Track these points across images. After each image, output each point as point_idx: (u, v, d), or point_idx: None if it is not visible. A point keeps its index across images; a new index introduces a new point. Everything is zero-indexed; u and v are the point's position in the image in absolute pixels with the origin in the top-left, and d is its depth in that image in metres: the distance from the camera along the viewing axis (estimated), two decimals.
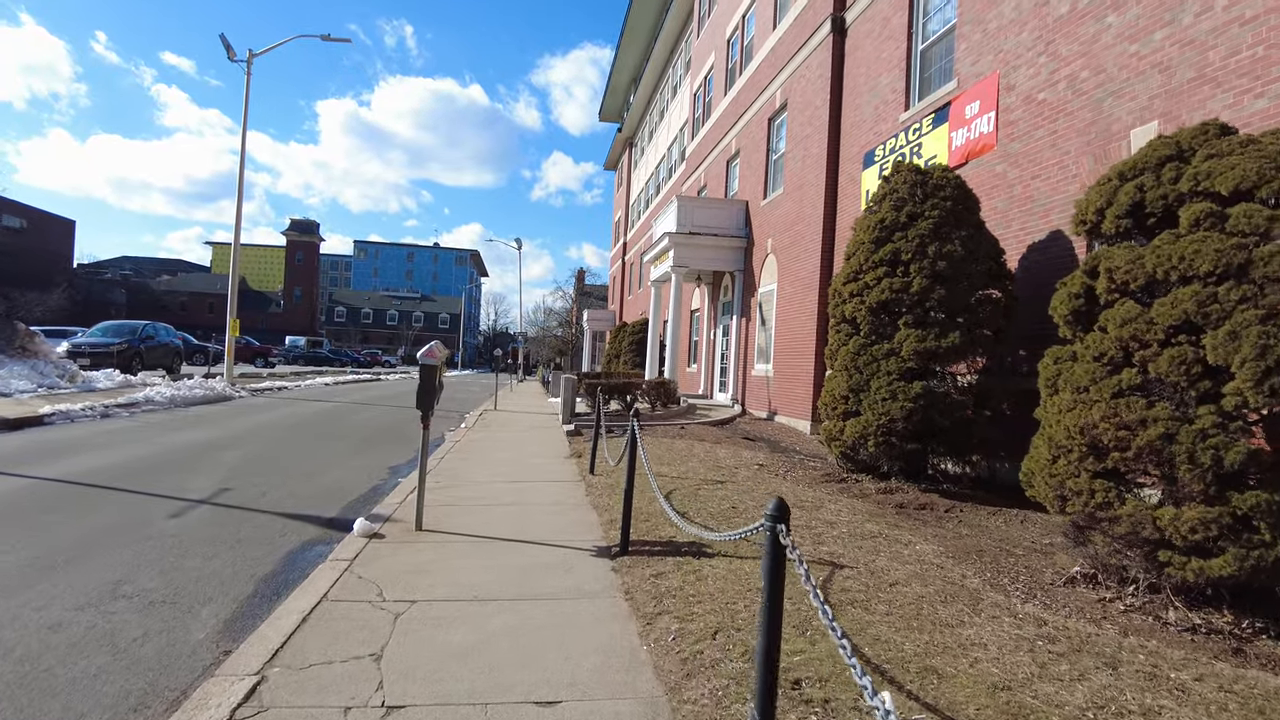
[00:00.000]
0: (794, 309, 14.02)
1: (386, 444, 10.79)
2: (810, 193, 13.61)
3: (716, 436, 11.54)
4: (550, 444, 10.85)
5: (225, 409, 14.67)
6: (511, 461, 8.97)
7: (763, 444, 11.13)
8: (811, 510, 6.24)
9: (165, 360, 21.87)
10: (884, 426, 7.18)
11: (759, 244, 16.38)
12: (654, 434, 11.68)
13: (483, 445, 10.49)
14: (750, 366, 16.48)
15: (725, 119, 19.55)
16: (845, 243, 12.54)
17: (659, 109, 32.88)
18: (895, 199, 7.59)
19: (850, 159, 12.51)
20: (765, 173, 16.34)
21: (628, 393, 14.39)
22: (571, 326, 65.95)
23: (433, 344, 5.37)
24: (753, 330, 16.46)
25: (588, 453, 9.32)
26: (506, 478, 7.80)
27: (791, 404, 13.80)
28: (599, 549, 5.10)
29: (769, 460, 9.12)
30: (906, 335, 7.19)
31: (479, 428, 12.97)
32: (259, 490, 7.04)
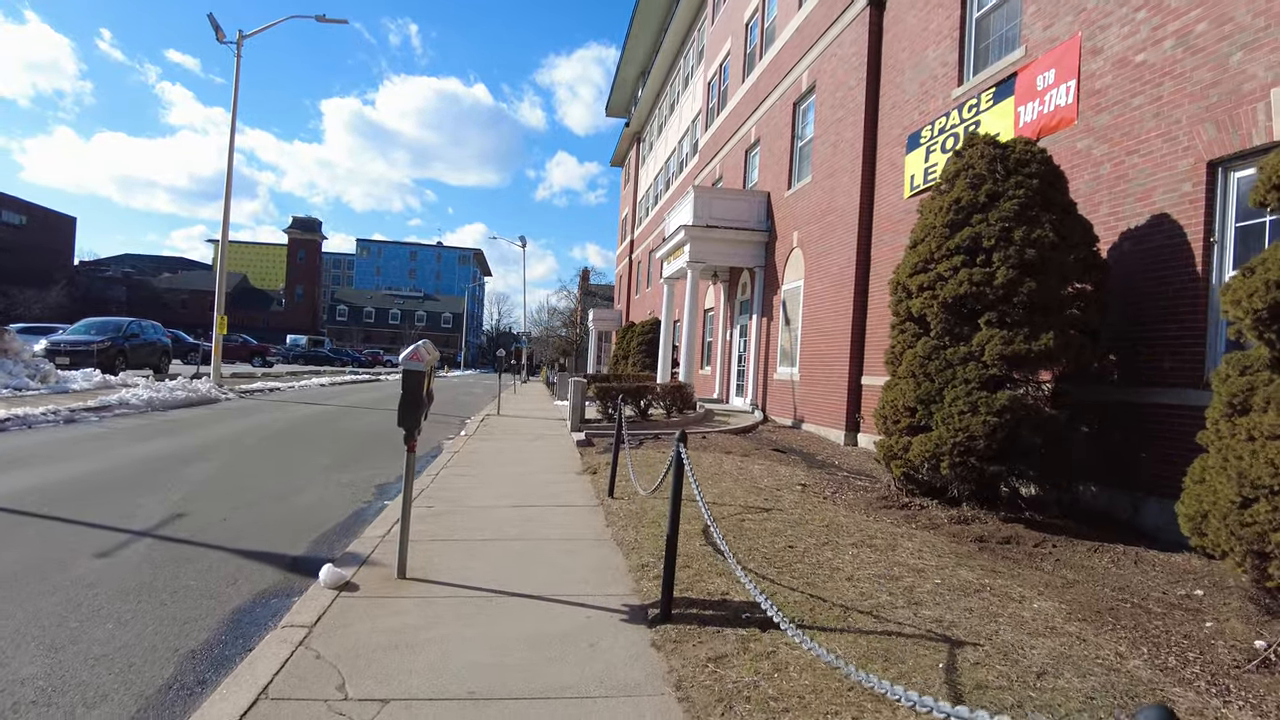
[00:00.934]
0: (824, 307, 12.87)
1: (377, 456, 9.67)
2: (843, 180, 12.47)
3: (743, 448, 10.40)
4: (559, 456, 9.72)
5: (207, 413, 13.56)
6: (516, 479, 7.85)
7: (796, 457, 9.98)
8: (885, 551, 5.10)
9: (152, 359, 20.78)
10: (961, 444, 6.04)
11: (783, 237, 15.24)
12: (671, 443, 10.54)
13: (484, 458, 9.37)
14: (772, 370, 15.34)
15: (743, 107, 18.42)
16: (884, 233, 11.42)
17: (669, 102, 31.76)
18: (971, 176, 6.44)
19: (890, 142, 11.36)
20: (790, 161, 15.20)
21: (641, 397, 13.26)
22: (576, 326, 64.84)
23: (419, 344, 4.25)
24: (775, 330, 15.32)
25: (603, 469, 8.20)
26: (510, 500, 6.67)
27: (821, 411, 12.66)
28: (631, 609, 3.97)
29: (811, 479, 7.97)
30: (989, 336, 6.05)
31: (480, 435, 11.85)
32: (219, 516, 5.92)
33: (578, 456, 9.64)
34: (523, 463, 9.00)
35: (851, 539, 5.37)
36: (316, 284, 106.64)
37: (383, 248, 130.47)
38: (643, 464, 8.30)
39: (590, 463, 8.91)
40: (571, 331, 66.14)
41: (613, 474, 6.86)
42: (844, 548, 5.12)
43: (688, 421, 13.74)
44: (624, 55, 37.55)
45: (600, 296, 66.18)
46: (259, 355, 41.98)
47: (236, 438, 10.50)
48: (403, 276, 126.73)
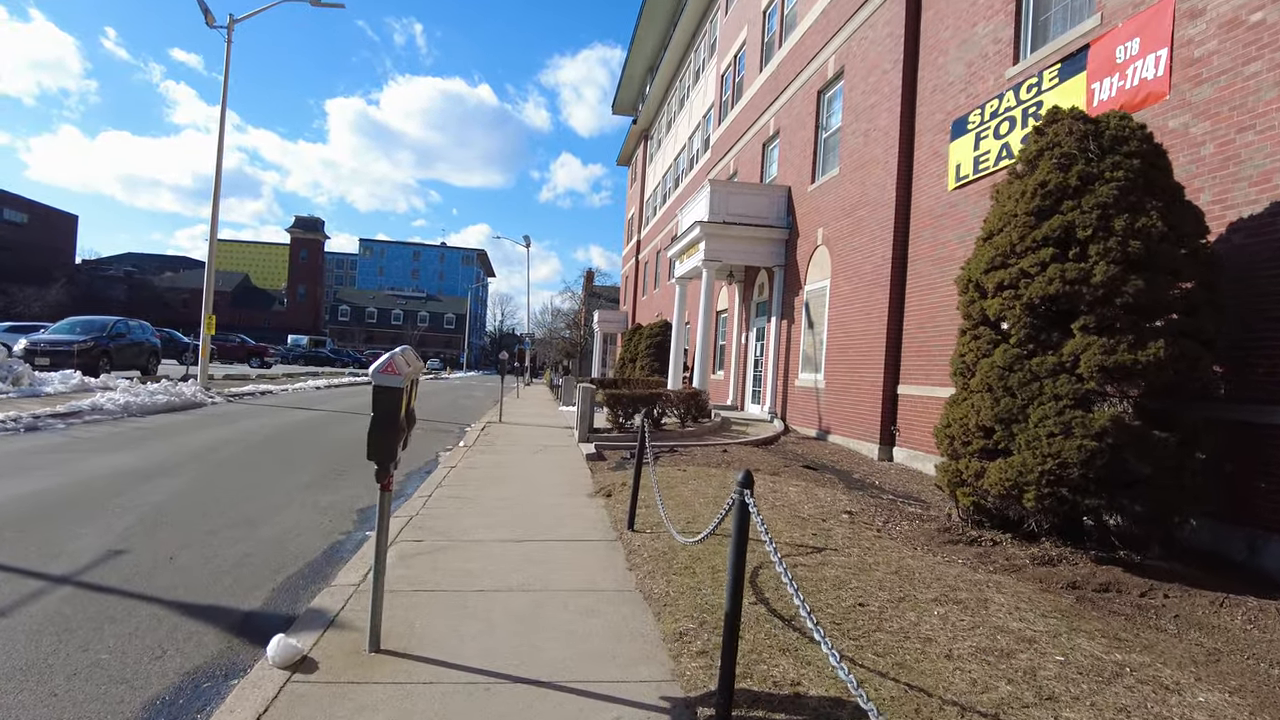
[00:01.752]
0: (854, 309, 11.89)
1: (366, 470, 8.70)
2: (876, 172, 11.49)
3: (771, 464, 9.41)
4: (567, 472, 8.74)
5: (188, 419, 12.62)
6: (518, 503, 6.87)
7: (831, 476, 9.00)
8: (976, 609, 4.12)
9: (139, 360, 19.86)
10: (1051, 473, 5.06)
11: (805, 234, 14.26)
12: (692, 459, 9.57)
13: (482, 474, 8.40)
14: (793, 376, 14.35)
15: (761, 98, 17.45)
16: (924, 228, 10.44)
17: (678, 97, 30.82)
18: (1059, 156, 5.46)
19: (931, 129, 10.38)
20: (813, 153, 14.22)
21: (653, 406, 12.29)
22: (580, 328, 63.89)
23: (395, 352, 3.29)
24: (796, 334, 14.34)
25: (618, 490, 7.23)
26: (512, 531, 5.70)
27: (851, 422, 11.66)
28: (672, 706, 2.98)
29: (856, 504, 6.98)
30: (1085, 344, 5.06)
31: (480, 446, 10.88)
32: (167, 552, 4.96)
33: (588, 473, 8.67)
34: (527, 480, 8.02)
35: (931, 592, 4.39)
36: (319, 284, 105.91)
37: (386, 248, 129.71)
38: (664, 484, 7.33)
39: (603, 482, 7.93)
40: (575, 333, 65.18)
41: (633, 502, 5.88)
42: (926, 605, 4.14)
43: (703, 431, 12.77)
44: (631, 51, 36.64)
45: (605, 298, 65.24)
46: (256, 356, 41.07)
47: (213, 448, 9.54)
48: (406, 277, 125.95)
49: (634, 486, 5.87)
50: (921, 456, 9.96)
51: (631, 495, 5.87)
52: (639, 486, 5.94)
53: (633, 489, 5.87)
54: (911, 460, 10.19)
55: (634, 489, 5.87)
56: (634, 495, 5.87)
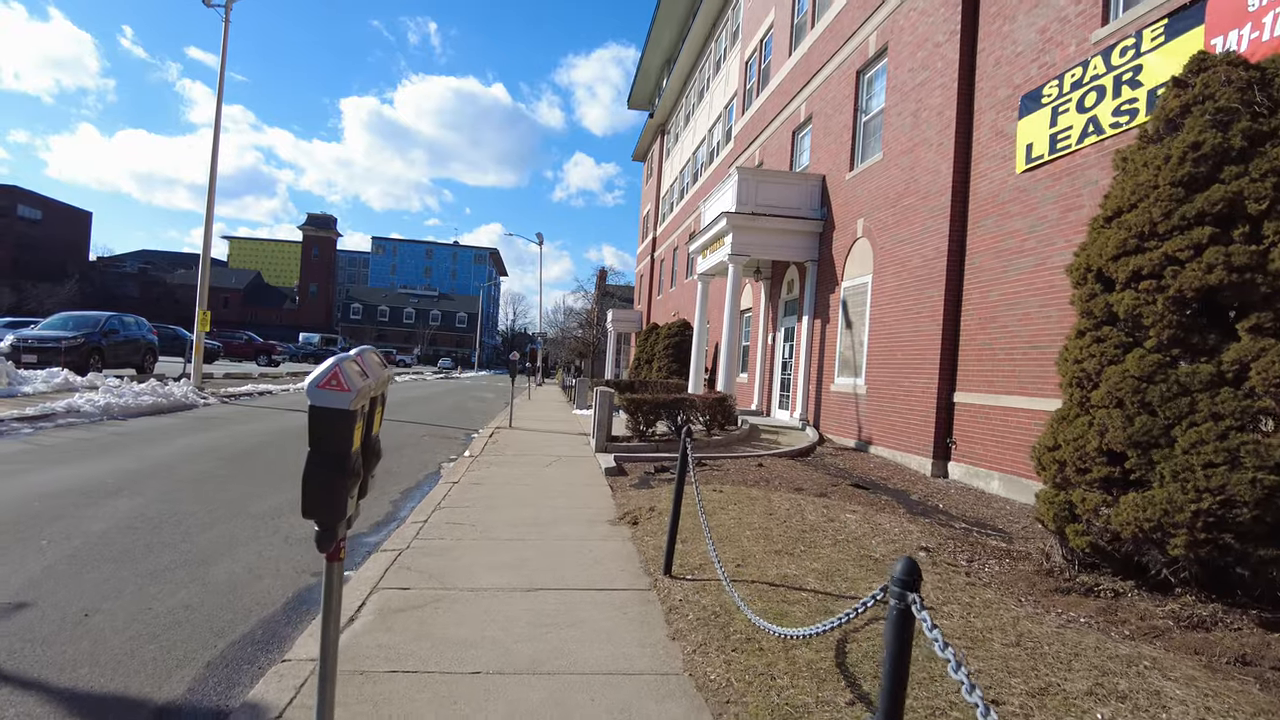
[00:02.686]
0: (901, 307, 10.75)
1: None
2: (928, 155, 10.34)
3: (815, 482, 8.30)
4: (585, 491, 7.68)
5: (172, 423, 11.66)
6: (528, 532, 5.81)
7: (886, 497, 7.87)
8: (1154, 713, 3.01)
9: (134, 358, 19.00)
10: (1210, 513, 3.93)
11: (843, 226, 13.13)
12: (725, 475, 8.48)
13: (487, 492, 7.35)
14: (827, 380, 13.22)
15: (790, 83, 16.32)
16: (985, 216, 9.29)
17: (697, 89, 29.73)
18: (1213, 112, 4.32)
19: (994, 106, 9.24)
20: (851, 138, 13.08)
21: (677, 413, 11.20)
22: (593, 327, 62.88)
23: (345, 357, 2.23)
24: (831, 335, 13.21)
25: (646, 516, 6.15)
26: (520, 576, 4.63)
27: (897, 432, 10.53)
28: None
29: (929, 537, 5.87)
30: (1257, 349, 3.93)
31: (487, 455, 9.84)
32: (85, 605, 3.94)
33: (608, 492, 7.59)
34: (538, 502, 6.96)
35: (1078, 678, 3.28)
36: (331, 282, 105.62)
37: (398, 246, 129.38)
38: (691, 503, 6.24)
39: (627, 504, 6.84)
40: (588, 332, 64.18)
41: (670, 541, 4.77)
42: (1082, 704, 3.04)
43: (731, 440, 11.67)
44: (648, 43, 35.60)
45: (618, 297, 64.25)
46: (264, 354, 40.41)
47: (188, 458, 8.55)
48: (418, 275, 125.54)
49: (672, 521, 4.76)
50: (983, 474, 8.82)
51: (669, 532, 4.77)
52: (678, 517, 4.83)
53: (670, 525, 4.76)
54: (971, 477, 9.05)
55: (672, 525, 4.76)
56: (672, 533, 4.76)
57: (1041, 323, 8.04)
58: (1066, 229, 7.74)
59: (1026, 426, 8.13)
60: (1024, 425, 8.18)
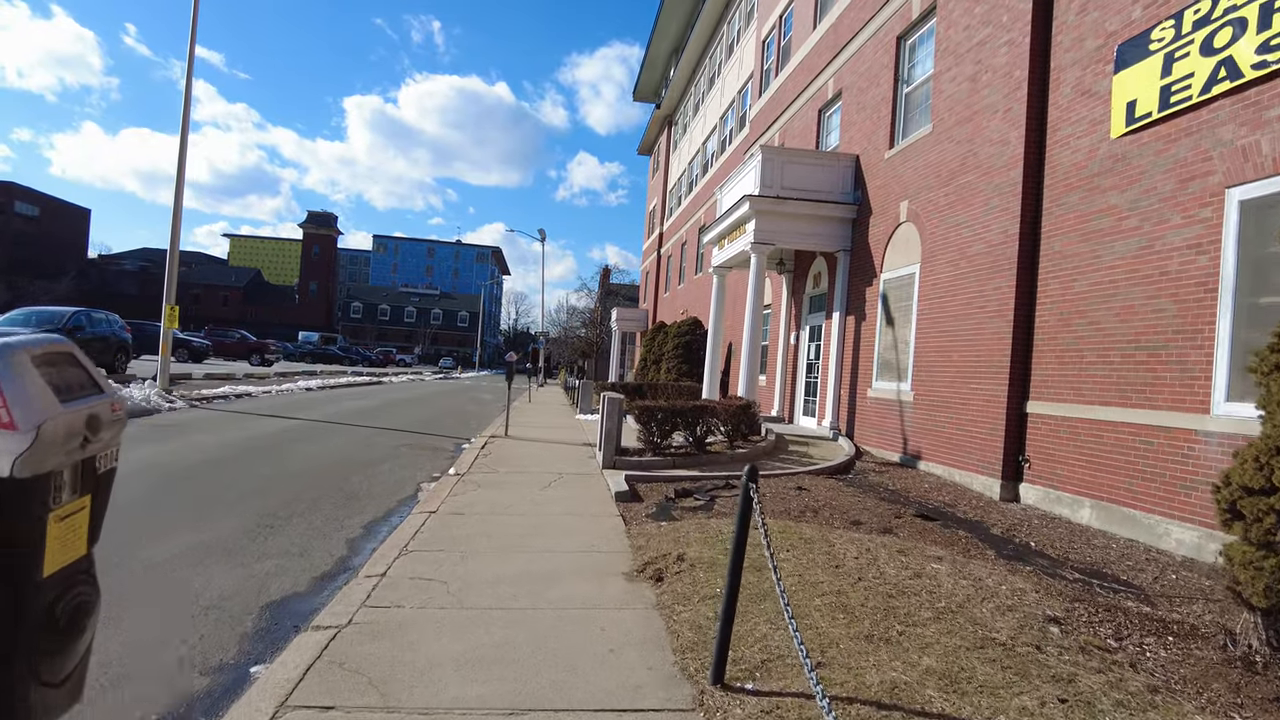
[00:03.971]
0: (958, 301, 9.28)
1: (311, 516, 6.24)
2: (992, 123, 8.87)
3: (871, 510, 6.83)
4: (591, 523, 6.22)
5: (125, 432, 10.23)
6: (518, 591, 4.37)
7: (964, 532, 6.39)
8: None
9: (102, 357, 17.57)
10: None
11: (881, 211, 11.65)
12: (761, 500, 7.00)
13: (470, 528, 5.91)
14: (863, 384, 11.75)
15: (815, 58, 14.85)
16: (1069, 192, 7.76)
17: (708, 75, 28.28)
18: None
19: (1079, 61, 7.76)
20: (891, 112, 11.61)
21: (697, 421, 9.74)
22: (596, 327, 61.42)
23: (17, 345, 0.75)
24: (869, 333, 11.73)
25: (673, 569, 4.70)
26: (502, 689, 3.17)
27: (956, 447, 9.06)
28: None
29: (1050, 598, 4.40)
30: None
31: (477, 473, 8.40)
32: None
33: (619, 525, 6.13)
34: (533, 542, 5.50)
35: None
36: (331, 280, 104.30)
37: (400, 244, 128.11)
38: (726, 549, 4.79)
39: (645, 545, 5.38)
40: (591, 332, 62.72)
41: (724, 635, 3.20)
42: None
43: (757, 454, 10.21)
44: (655, 30, 34.18)
45: (622, 296, 62.71)
46: (257, 352, 38.98)
47: (122, 479, 7.10)
48: (419, 274, 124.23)
49: (727, 605, 3.20)
50: (1068, 500, 7.35)
51: (722, 618, 3.23)
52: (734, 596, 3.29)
53: (724, 610, 3.20)
54: (1052, 503, 7.58)
55: (727, 611, 3.19)
56: (725, 630, 3.19)
57: (1151, 318, 6.57)
58: (1187, 202, 6.27)
59: (1129, 445, 6.66)
60: (1125, 443, 6.71)
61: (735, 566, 3.06)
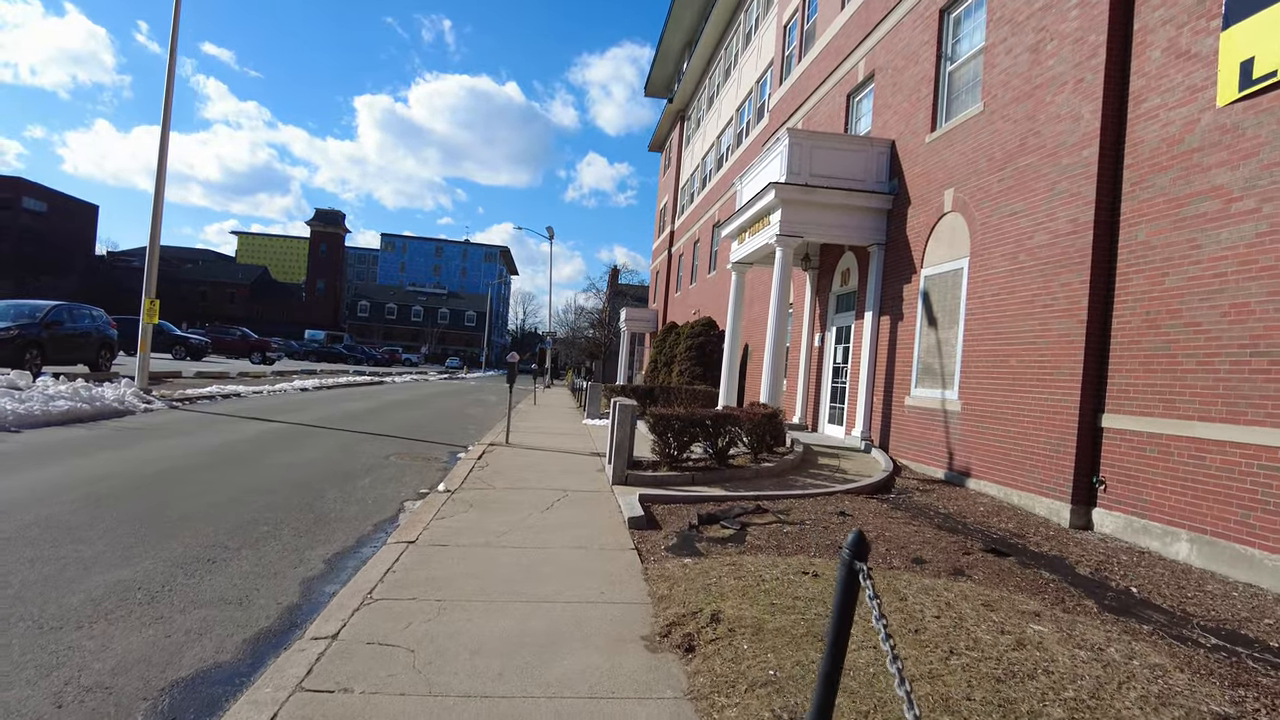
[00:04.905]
0: (1018, 299, 8.21)
1: (270, 546, 5.23)
2: (1060, 98, 7.80)
3: (934, 545, 5.77)
4: (601, 561, 5.19)
5: (77, 438, 9.30)
6: (504, 668, 3.36)
7: (1050, 574, 5.31)
8: None
9: (84, 353, 16.68)
10: None
11: (922, 200, 10.58)
12: (802, 531, 5.98)
13: (453, 565, 4.89)
14: (900, 391, 10.68)
15: (844, 39, 13.79)
16: (1156, 174, 6.64)
17: (723, 67, 27.24)
18: None
19: (1171, 20, 6.68)
20: (934, 92, 10.54)
21: (720, 432, 8.69)
22: (604, 327, 60.46)
23: None
24: (907, 334, 10.67)
25: (705, 631, 3.68)
26: None
27: (1014, 464, 7.98)
28: None
29: (1202, 681, 3.34)
30: None
31: (470, 489, 7.38)
32: None
33: (635, 562, 5.09)
34: (528, 588, 4.47)
35: None
36: (339, 278, 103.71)
37: (408, 243, 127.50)
38: (778, 603, 3.74)
39: (669, 594, 4.34)
40: (599, 332, 61.76)
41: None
42: None
43: (784, 469, 9.16)
44: (668, 23, 33.15)
45: (631, 296, 61.76)
46: (259, 351, 38.21)
47: (47, 495, 6.13)
48: (427, 273, 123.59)
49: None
50: (1158, 531, 6.27)
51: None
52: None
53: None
54: (1137, 534, 6.49)
55: None
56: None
57: (1274, 317, 5.49)
58: None
59: (1242, 469, 5.58)
60: (1237, 467, 5.63)
61: (828, 684, 2.00)
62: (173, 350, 31.63)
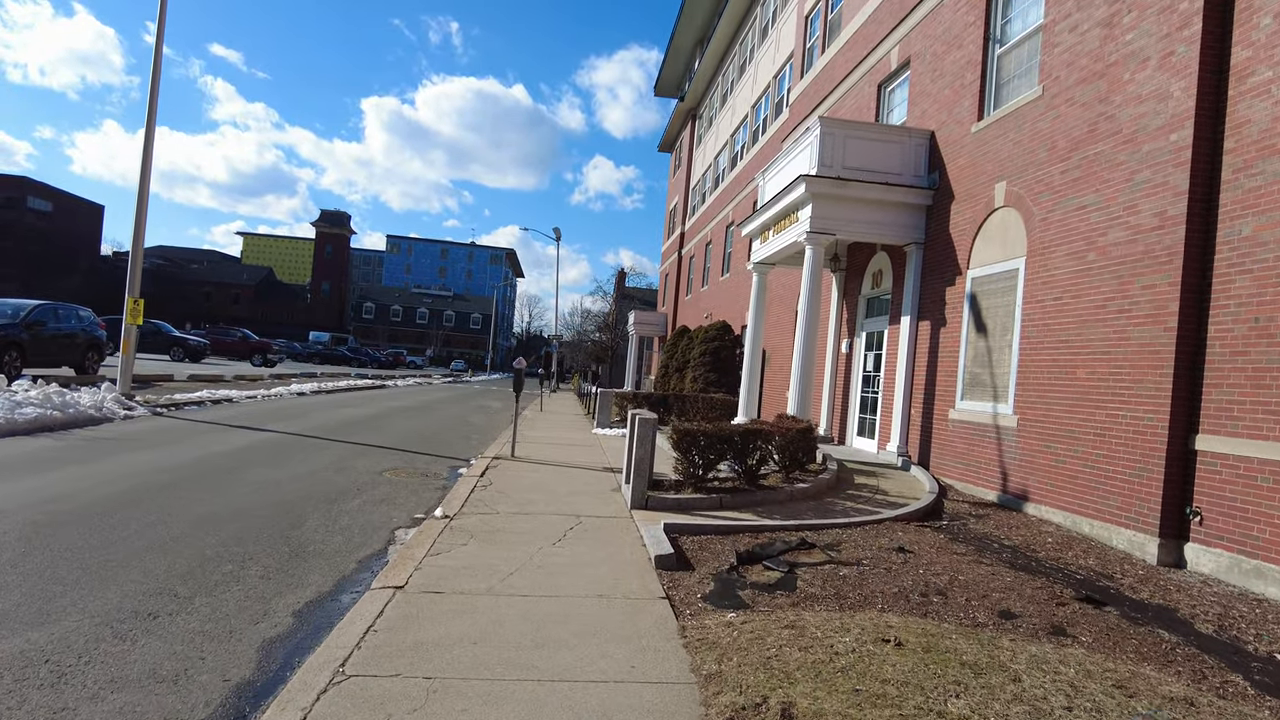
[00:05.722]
0: (1088, 304, 7.30)
1: (230, 592, 4.37)
2: (1140, 76, 6.90)
3: (1022, 594, 4.86)
4: (627, 613, 4.31)
5: (41, 449, 8.47)
6: None
7: (1159, 629, 4.39)
8: None
9: (69, 355, 15.88)
10: None
11: (968, 195, 9.69)
12: (861, 575, 5.10)
13: (449, 626, 4.03)
14: (942, 403, 9.78)
15: (875, 26, 12.91)
16: (1268, 155, 5.83)
17: (738, 63, 26.40)
18: None
19: None
20: (980, 77, 9.66)
21: (750, 450, 7.80)
22: (611, 330, 59.57)
23: None
24: (950, 341, 9.76)
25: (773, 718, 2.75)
26: None
27: (1085, 489, 7.06)
28: None
29: None
30: None
31: (470, 515, 6.51)
32: None
33: (670, 622, 4.20)
34: (539, 660, 3.59)
35: None
36: (344, 280, 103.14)
37: (413, 245, 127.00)
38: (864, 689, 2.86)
39: (719, 676, 3.44)
40: (606, 335, 60.87)
41: None
42: None
43: (820, 489, 8.27)
44: (680, 19, 32.37)
45: (638, 299, 60.85)
46: (259, 352, 37.42)
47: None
48: (433, 275, 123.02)
49: None
50: (1275, 574, 5.35)
51: None
52: None
53: None
54: (1248, 578, 5.57)
55: None
56: None
57: None
58: None
59: None
60: None
61: None
62: (170, 352, 30.91)
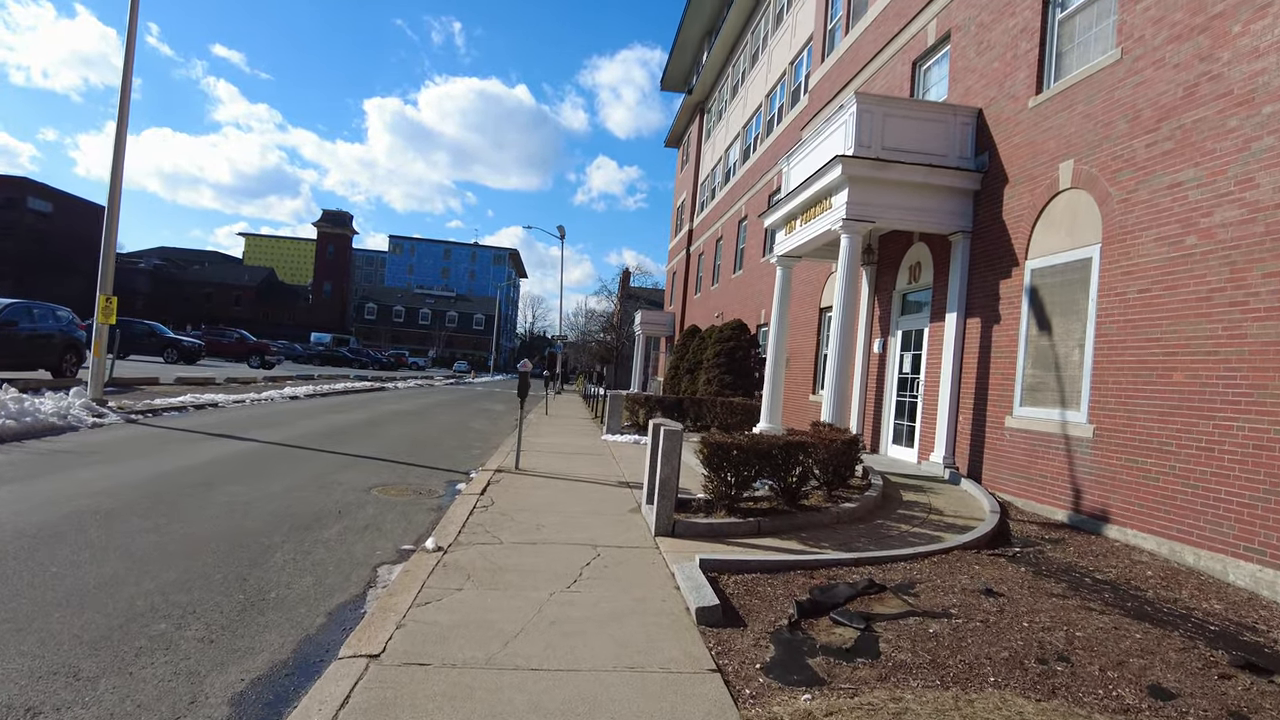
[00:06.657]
0: (1183, 297, 6.27)
1: (154, 663, 3.38)
2: (1254, 26, 5.89)
3: (1163, 658, 3.84)
4: (670, 697, 3.30)
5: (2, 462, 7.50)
6: None
7: None
8: None
9: (44, 357, 14.94)
10: None
11: (1025, 177, 8.67)
12: (957, 634, 4.10)
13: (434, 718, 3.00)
14: (997, 410, 8.75)
15: (907, 1, 11.89)
16: None
17: (749, 52, 25.39)
18: None
19: None
20: (1039, 46, 8.64)
21: (790, 465, 6.78)
22: (616, 331, 58.58)
23: None
24: (1005, 340, 8.74)
25: None
26: None
27: (1183, 512, 6.03)
28: None
29: None
30: None
31: (468, 546, 5.52)
32: None
33: (726, 705, 3.20)
34: None
35: None
36: (346, 280, 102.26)
37: (416, 245, 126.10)
38: None
39: None
40: (611, 336, 59.87)
41: None
42: None
43: (867, 510, 7.26)
44: (687, 11, 31.38)
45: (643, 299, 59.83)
46: (256, 354, 36.48)
47: None
48: (435, 275, 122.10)
49: None
50: None
51: None
52: None
53: None
54: None
55: None
56: None
57: None
58: None
59: None
60: None
61: None
62: (164, 353, 29.99)
